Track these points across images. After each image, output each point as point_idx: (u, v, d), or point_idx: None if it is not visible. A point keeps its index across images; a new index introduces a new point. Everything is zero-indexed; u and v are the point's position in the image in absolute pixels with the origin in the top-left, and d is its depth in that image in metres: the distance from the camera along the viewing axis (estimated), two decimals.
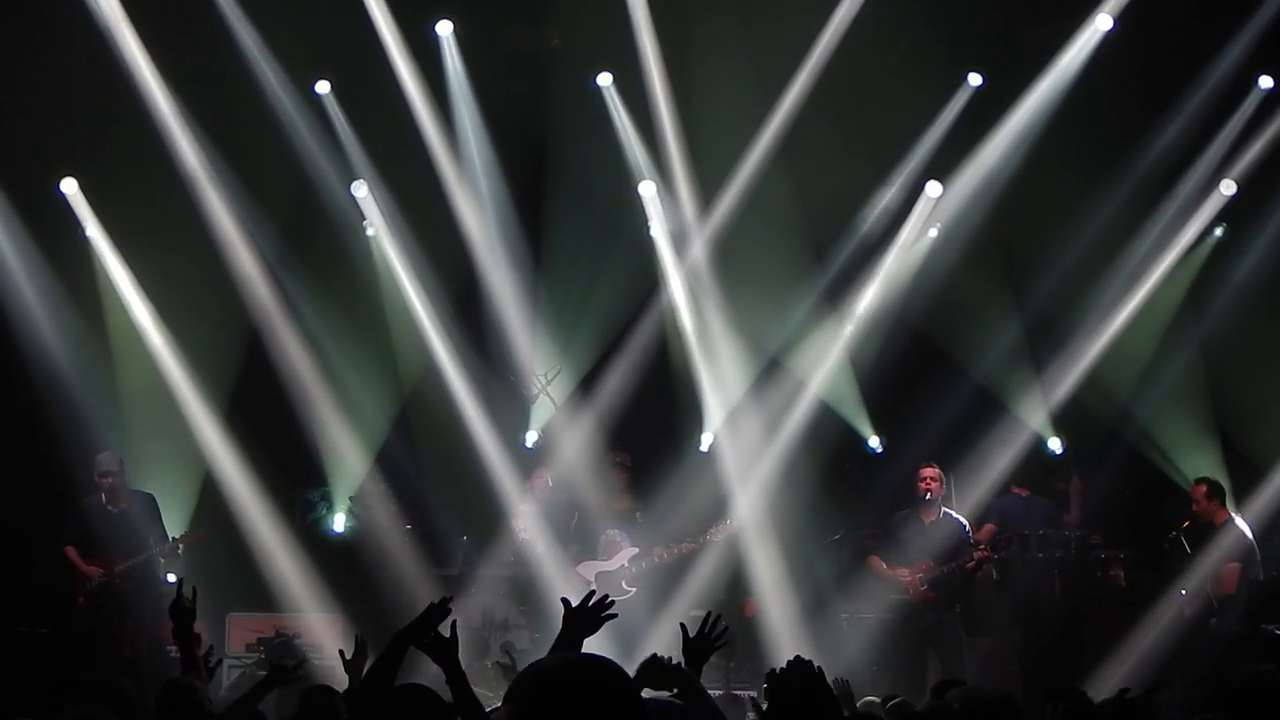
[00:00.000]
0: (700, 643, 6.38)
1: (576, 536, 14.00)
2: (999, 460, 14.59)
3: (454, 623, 5.98)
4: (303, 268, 15.00)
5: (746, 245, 15.07)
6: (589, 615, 5.98)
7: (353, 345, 15.16)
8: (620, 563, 13.74)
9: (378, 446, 15.18)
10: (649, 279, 15.38)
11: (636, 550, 13.75)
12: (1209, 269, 15.36)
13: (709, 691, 11.76)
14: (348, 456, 15.02)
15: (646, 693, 6.87)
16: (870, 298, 15.39)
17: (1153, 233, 15.13)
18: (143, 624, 13.13)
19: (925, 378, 15.06)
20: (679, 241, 15.31)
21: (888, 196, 15.34)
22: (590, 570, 13.74)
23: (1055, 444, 15.24)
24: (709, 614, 6.48)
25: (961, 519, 13.56)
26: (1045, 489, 14.75)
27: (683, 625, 6.46)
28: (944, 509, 13.45)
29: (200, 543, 13.65)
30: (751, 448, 14.83)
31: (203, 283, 14.71)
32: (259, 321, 14.78)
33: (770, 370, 15.34)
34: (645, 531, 13.91)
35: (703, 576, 13.96)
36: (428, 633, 5.82)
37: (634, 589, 13.65)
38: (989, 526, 14.11)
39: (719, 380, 15.20)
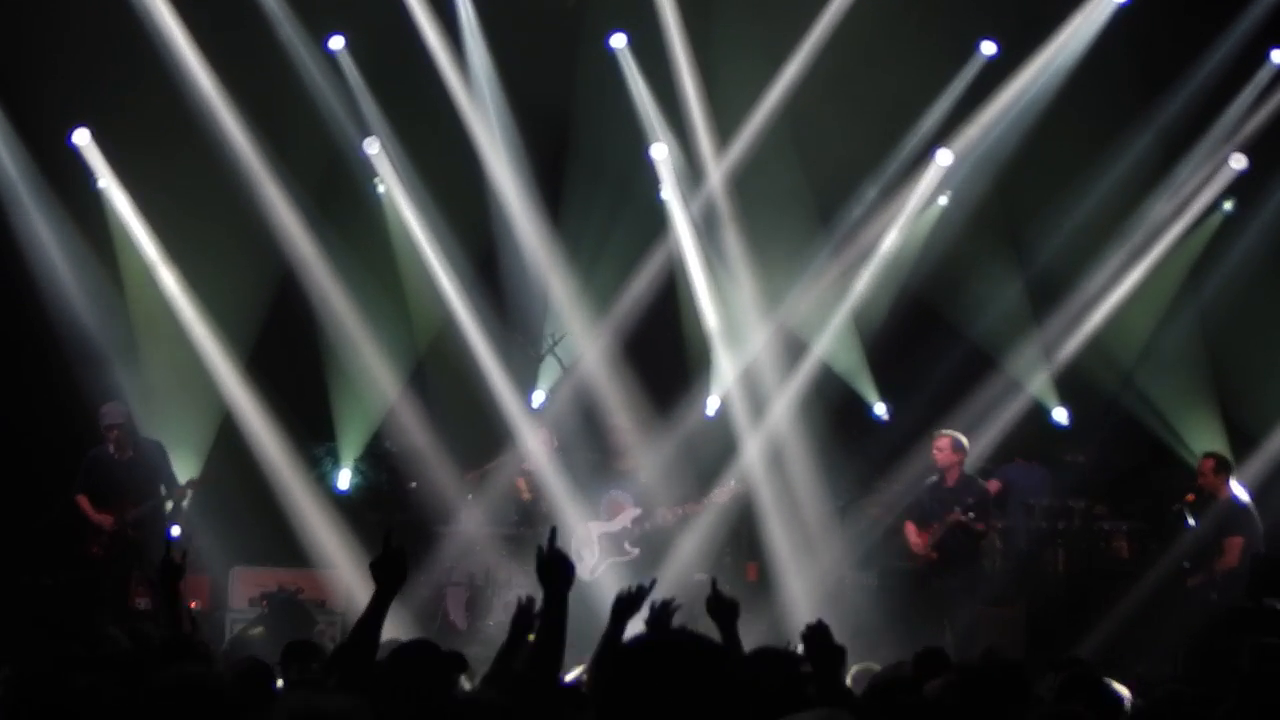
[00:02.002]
0: (719, 602, 6.65)
1: (579, 496, 13.90)
2: (1001, 427, 14.59)
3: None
4: (323, 221, 14.98)
5: (756, 209, 15.06)
6: (635, 600, 6.32)
7: (370, 301, 15.15)
8: (623, 523, 13.67)
9: (389, 403, 15.15)
10: (661, 240, 15.38)
11: (640, 511, 13.67)
12: (1216, 242, 15.33)
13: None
14: (358, 412, 15.04)
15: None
16: (877, 264, 15.38)
17: (1161, 204, 15.09)
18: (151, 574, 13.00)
19: (930, 344, 15.02)
20: (692, 204, 15.30)
21: (897, 163, 15.28)
22: (594, 530, 13.67)
23: (1060, 414, 15.22)
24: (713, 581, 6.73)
25: (982, 482, 13.42)
26: (1049, 459, 14.74)
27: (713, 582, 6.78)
28: (966, 473, 13.31)
29: (209, 485, 13.72)
30: (757, 412, 14.81)
31: (219, 234, 14.71)
32: (276, 274, 14.83)
33: (777, 334, 15.31)
34: (648, 493, 13.83)
35: (705, 539, 13.92)
36: (400, 577, 5.73)
37: (637, 550, 13.59)
38: (994, 482, 14.11)
39: (727, 343, 15.20)
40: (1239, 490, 13.53)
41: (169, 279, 14.86)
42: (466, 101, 15.01)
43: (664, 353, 15.35)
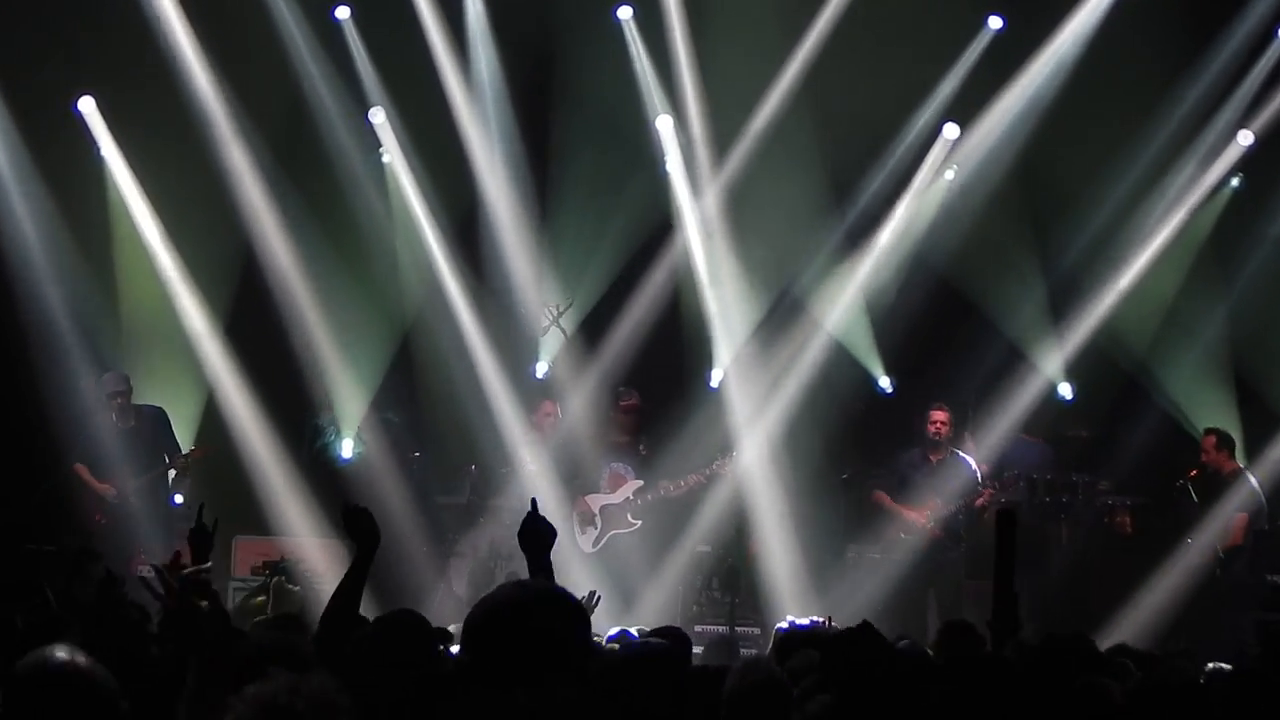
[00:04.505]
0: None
1: (583, 469, 14.00)
2: (1010, 405, 14.53)
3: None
4: (308, 193, 14.93)
5: (765, 182, 14.96)
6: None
7: (358, 273, 15.12)
8: (625, 495, 13.78)
9: (383, 374, 15.15)
10: (661, 213, 15.27)
11: (641, 483, 13.79)
12: (1226, 219, 15.24)
13: (715, 629, 11.86)
14: (355, 383, 14.98)
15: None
16: (888, 237, 15.27)
17: (1172, 183, 15.02)
18: (154, 542, 13.00)
19: (941, 319, 14.95)
20: (695, 176, 15.19)
21: (909, 137, 15.22)
22: (595, 503, 13.78)
23: (1065, 389, 15.12)
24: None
25: (969, 459, 13.61)
26: (1053, 435, 14.75)
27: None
28: (952, 449, 13.56)
29: (209, 455, 13.74)
30: (761, 385, 14.76)
31: (211, 207, 14.64)
32: (264, 246, 14.70)
33: (784, 307, 15.26)
34: (649, 465, 13.92)
35: (709, 514, 13.98)
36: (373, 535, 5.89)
37: (639, 522, 13.72)
38: (983, 465, 14.14)
39: (731, 316, 15.10)
40: (1244, 467, 13.68)
41: (162, 248, 14.75)
42: (461, 72, 14.97)
43: (667, 324, 15.23)
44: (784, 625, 8.62)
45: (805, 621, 9.00)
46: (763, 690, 5.48)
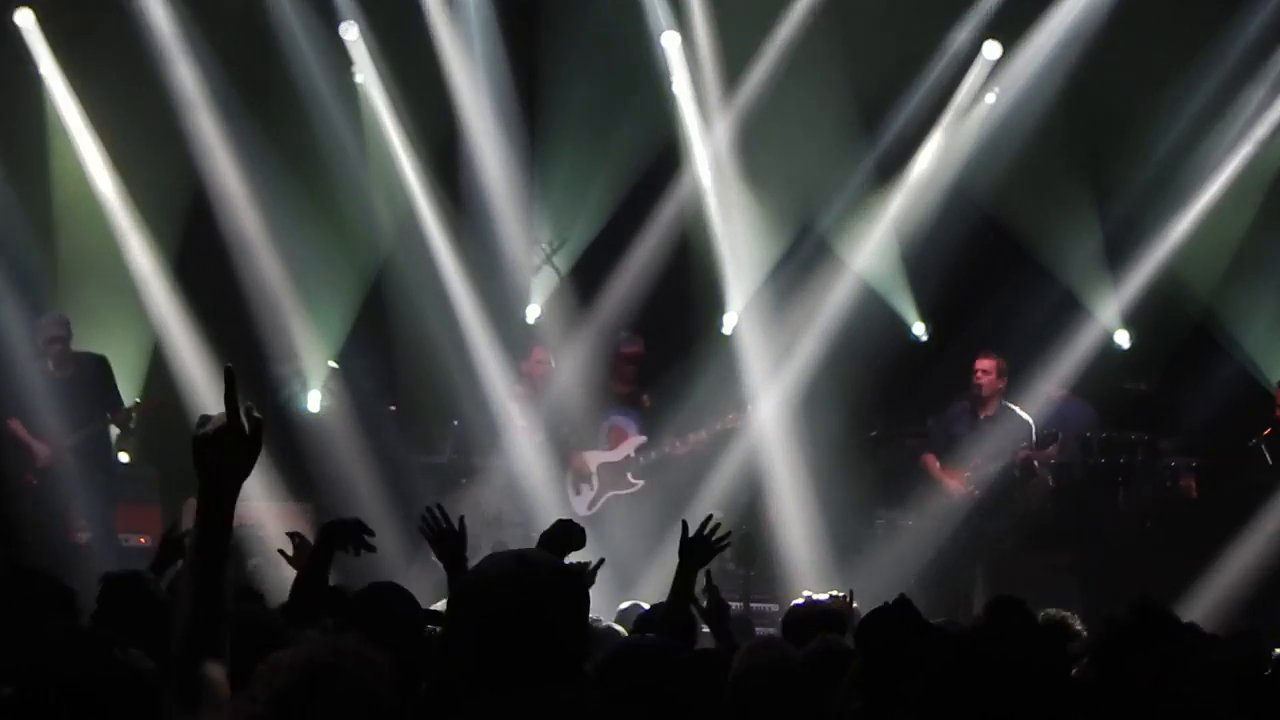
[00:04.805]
0: (698, 543, 6.46)
1: (578, 423, 13.39)
2: (1061, 356, 13.76)
3: (461, 518, 6.36)
4: (270, 117, 14.22)
5: (785, 106, 14.27)
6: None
7: (325, 206, 14.39)
8: (626, 452, 13.28)
9: (352, 319, 14.48)
10: (666, 140, 14.58)
11: (644, 439, 13.25)
12: None
13: (728, 602, 10.67)
14: (321, 329, 14.29)
15: None
16: (922, 168, 14.54)
17: (1240, 111, 14.20)
18: (93, 506, 12.57)
19: (982, 259, 14.15)
20: (704, 100, 14.48)
21: (946, 57, 14.46)
22: (592, 460, 13.21)
23: (1122, 338, 14.31)
24: (709, 517, 6.63)
25: (1026, 415, 12.86)
26: (1109, 389, 13.79)
27: (684, 522, 6.55)
28: (1004, 403, 12.88)
29: (157, 411, 12.99)
30: (781, 332, 14.15)
31: (162, 132, 13.90)
32: (219, 176, 13.95)
33: (806, 246, 14.61)
34: (654, 419, 13.36)
35: (721, 475, 13.36)
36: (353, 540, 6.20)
37: (641, 482, 13.20)
38: None
39: (745, 255, 14.45)
40: None
41: (104, 177, 14.00)
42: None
43: (674, 263, 14.54)
44: (800, 601, 8.08)
45: (824, 597, 8.59)
46: (772, 672, 5.33)
